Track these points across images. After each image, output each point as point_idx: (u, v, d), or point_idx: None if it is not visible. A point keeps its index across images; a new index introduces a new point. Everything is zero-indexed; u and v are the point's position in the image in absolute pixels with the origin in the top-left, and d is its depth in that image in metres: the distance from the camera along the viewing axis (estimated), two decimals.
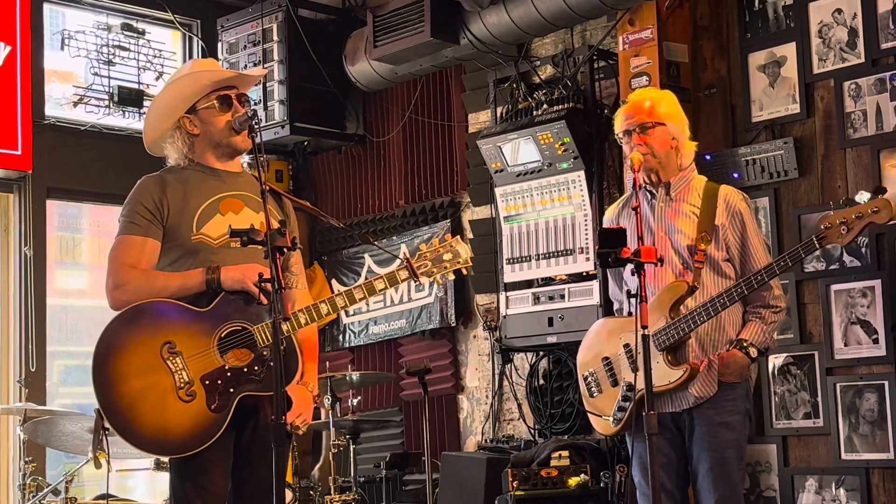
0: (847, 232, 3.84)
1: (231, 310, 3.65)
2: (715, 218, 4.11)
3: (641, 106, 4.18)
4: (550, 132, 6.05)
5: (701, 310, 3.98)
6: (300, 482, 6.10)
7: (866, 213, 3.84)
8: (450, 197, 7.23)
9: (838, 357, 5.35)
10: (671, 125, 4.17)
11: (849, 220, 3.84)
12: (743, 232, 4.13)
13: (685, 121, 4.25)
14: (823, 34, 5.50)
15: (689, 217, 4.12)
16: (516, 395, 6.73)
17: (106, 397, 3.58)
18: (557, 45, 6.59)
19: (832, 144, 5.44)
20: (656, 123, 4.14)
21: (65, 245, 7.53)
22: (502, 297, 6.42)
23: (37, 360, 6.88)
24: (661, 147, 4.14)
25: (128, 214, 3.76)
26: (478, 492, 5.87)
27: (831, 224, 3.87)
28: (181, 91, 3.84)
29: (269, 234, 3.36)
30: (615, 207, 4.39)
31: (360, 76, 7.20)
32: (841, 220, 3.85)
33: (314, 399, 3.88)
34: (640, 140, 4.12)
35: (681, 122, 4.22)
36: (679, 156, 4.19)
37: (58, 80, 7.39)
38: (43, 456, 6.49)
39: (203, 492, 3.63)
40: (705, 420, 4.05)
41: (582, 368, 4.27)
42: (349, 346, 7.73)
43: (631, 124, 4.16)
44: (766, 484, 5.56)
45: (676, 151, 4.17)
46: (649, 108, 4.16)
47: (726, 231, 4.11)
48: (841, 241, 3.89)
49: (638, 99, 4.25)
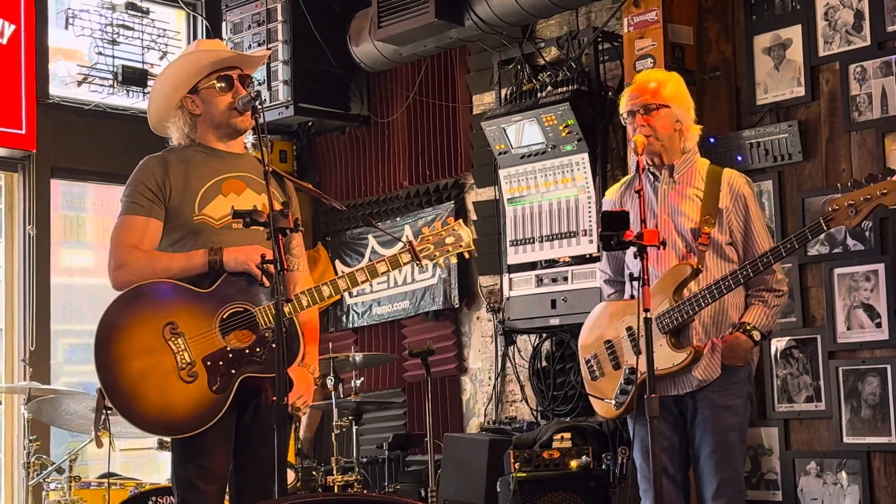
0: (855, 214, 3.81)
1: (233, 291, 3.65)
2: (719, 201, 4.09)
3: (647, 87, 4.16)
4: (554, 114, 6.03)
5: (705, 292, 3.97)
6: (302, 462, 6.12)
7: (875, 195, 3.80)
8: (454, 178, 7.22)
9: (841, 341, 5.34)
10: (676, 108, 4.14)
11: (857, 203, 3.81)
12: (746, 216, 4.11)
13: (691, 104, 4.23)
14: (829, 17, 5.48)
15: (693, 200, 4.11)
16: (519, 377, 6.74)
17: (108, 377, 3.59)
18: (562, 27, 6.57)
19: (837, 128, 5.43)
20: (661, 105, 4.12)
21: (69, 224, 7.54)
22: (505, 278, 6.43)
23: (41, 339, 6.90)
24: (665, 129, 4.11)
25: (130, 194, 3.77)
26: (480, 473, 5.88)
27: (839, 206, 3.84)
28: (182, 71, 3.84)
29: (271, 216, 3.37)
30: (616, 189, 4.37)
31: (364, 57, 7.19)
32: (849, 203, 3.82)
33: (315, 381, 3.89)
34: (644, 121, 4.10)
35: (686, 105, 4.19)
36: (683, 139, 4.17)
37: (63, 59, 7.38)
38: (47, 434, 6.51)
39: (205, 472, 3.64)
40: (708, 403, 4.04)
41: (584, 352, 4.27)
42: (352, 326, 7.74)
43: (635, 105, 4.14)
44: (767, 467, 5.57)
45: (680, 134, 4.16)
46: (654, 90, 4.14)
47: (730, 215, 4.10)
48: (849, 224, 3.85)
49: (643, 80, 4.23)
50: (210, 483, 3.65)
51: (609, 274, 4.38)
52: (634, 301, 3.97)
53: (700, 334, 4.04)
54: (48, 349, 6.96)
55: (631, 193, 4.23)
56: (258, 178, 3.74)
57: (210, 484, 3.65)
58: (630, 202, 4.20)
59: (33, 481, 5.57)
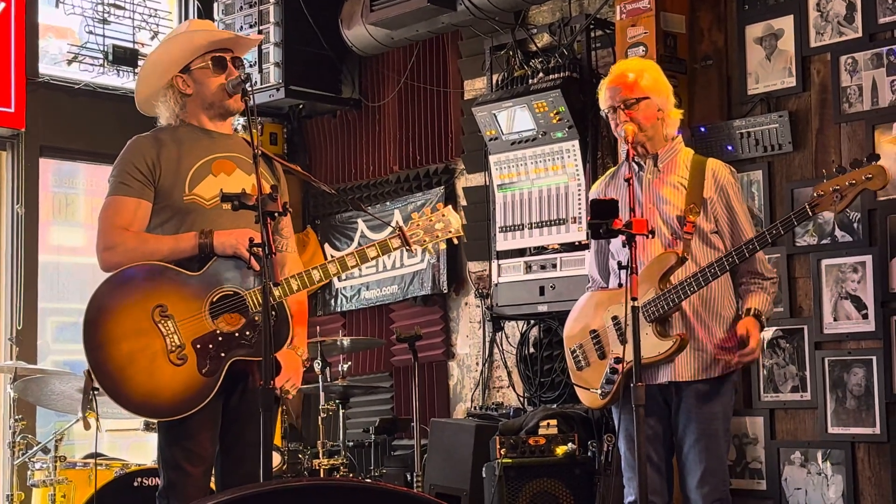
0: (840, 199, 3.80)
1: (223, 274, 3.65)
2: (703, 190, 4.08)
3: (625, 81, 4.11)
4: (546, 101, 6.03)
5: (691, 280, 3.95)
6: (289, 445, 6.13)
7: (860, 179, 3.79)
8: (444, 164, 7.22)
9: (827, 331, 5.36)
10: (655, 97, 4.11)
11: (842, 188, 3.81)
12: (730, 205, 4.10)
13: (670, 89, 4.19)
14: (821, 7, 5.48)
15: (678, 188, 4.10)
16: (506, 363, 6.75)
17: (96, 359, 3.58)
18: (555, 14, 6.56)
19: (827, 119, 5.43)
20: (641, 98, 4.09)
21: (59, 203, 7.52)
22: (494, 264, 6.43)
23: (28, 318, 6.88)
24: (648, 120, 4.08)
25: (119, 175, 3.75)
26: (466, 458, 5.89)
27: (824, 192, 3.83)
28: (176, 49, 3.83)
29: (260, 199, 3.36)
30: (601, 182, 4.34)
31: (356, 40, 7.17)
32: (834, 188, 3.81)
33: (303, 363, 3.89)
34: (628, 116, 4.07)
35: (665, 92, 4.16)
36: (665, 125, 4.15)
37: (54, 37, 7.34)
38: (33, 414, 6.51)
39: (191, 454, 3.64)
40: (693, 392, 4.05)
41: (569, 342, 4.26)
42: (341, 310, 7.74)
43: (616, 101, 4.10)
44: (752, 456, 5.60)
45: (662, 122, 4.14)
46: (633, 83, 4.09)
47: (714, 204, 4.08)
48: (834, 209, 3.85)
49: (619, 73, 4.17)
50: (196, 466, 3.65)
51: (598, 279, 4.35)
52: (619, 291, 3.99)
53: (693, 323, 4.03)
54: (35, 328, 6.95)
55: (616, 184, 4.23)
56: (247, 158, 3.74)
57: (196, 466, 3.65)
58: (615, 193, 4.19)
59: (18, 461, 5.56)
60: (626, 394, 3.94)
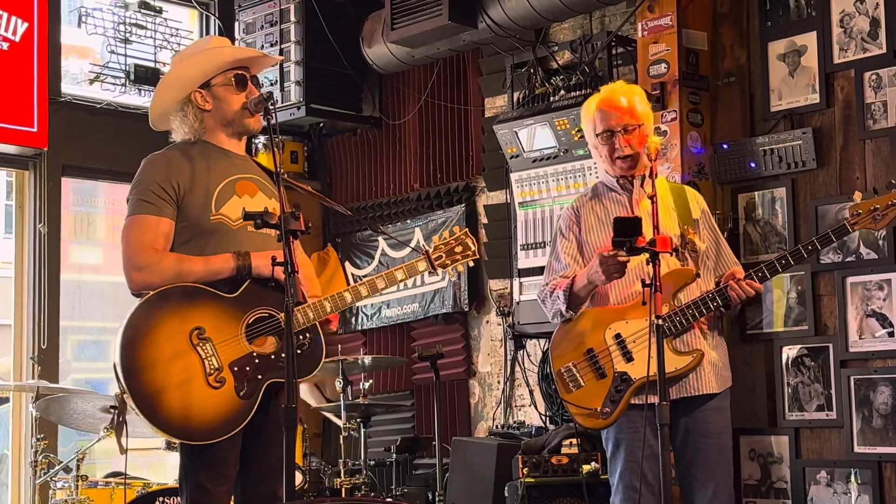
0: (882, 218, 3.95)
1: (258, 296, 3.64)
2: (692, 213, 4.19)
3: (622, 106, 4.17)
4: (567, 118, 6.02)
5: (714, 293, 4.00)
6: (310, 464, 6.11)
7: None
8: (465, 181, 7.20)
9: (853, 350, 5.31)
10: (647, 124, 4.21)
11: (882, 207, 3.95)
12: (713, 228, 4.24)
13: (652, 115, 4.30)
14: (845, 23, 5.45)
15: (669, 210, 4.15)
16: (528, 382, 6.72)
17: (134, 382, 3.52)
18: (576, 31, 6.55)
19: (851, 135, 5.40)
20: (638, 125, 4.16)
21: (80, 222, 7.55)
22: (516, 282, 6.41)
23: (50, 337, 6.89)
24: (640, 145, 4.14)
25: (141, 193, 3.71)
26: (488, 478, 5.86)
27: (862, 210, 3.98)
28: (199, 65, 3.81)
29: (282, 218, 3.36)
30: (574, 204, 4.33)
31: (376, 58, 7.17)
32: (873, 207, 3.96)
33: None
34: (626, 142, 4.12)
35: (651, 119, 4.27)
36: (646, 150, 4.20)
37: (76, 57, 7.38)
38: (55, 433, 6.51)
39: (214, 474, 3.63)
40: (705, 406, 4.06)
41: (558, 363, 4.18)
42: (362, 328, 7.73)
43: (616, 126, 4.14)
44: (777, 475, 5.54)
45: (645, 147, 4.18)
46: (631, 110, 4.17)
47: (703, 228, 4.20)
48: (874, 227, 4.01)
49: (614, 98, 4.20)
50: (219, 485, 3.64)
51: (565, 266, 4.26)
52: (620, 308, 4.07)
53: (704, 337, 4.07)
54: (57, 347, 6.95)
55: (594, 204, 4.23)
56: (265, 181, 3.75)
57: (220, 486, 3.64)
58: (602, 213, 4.20)
59: (40, 480, 5.56)
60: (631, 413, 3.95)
